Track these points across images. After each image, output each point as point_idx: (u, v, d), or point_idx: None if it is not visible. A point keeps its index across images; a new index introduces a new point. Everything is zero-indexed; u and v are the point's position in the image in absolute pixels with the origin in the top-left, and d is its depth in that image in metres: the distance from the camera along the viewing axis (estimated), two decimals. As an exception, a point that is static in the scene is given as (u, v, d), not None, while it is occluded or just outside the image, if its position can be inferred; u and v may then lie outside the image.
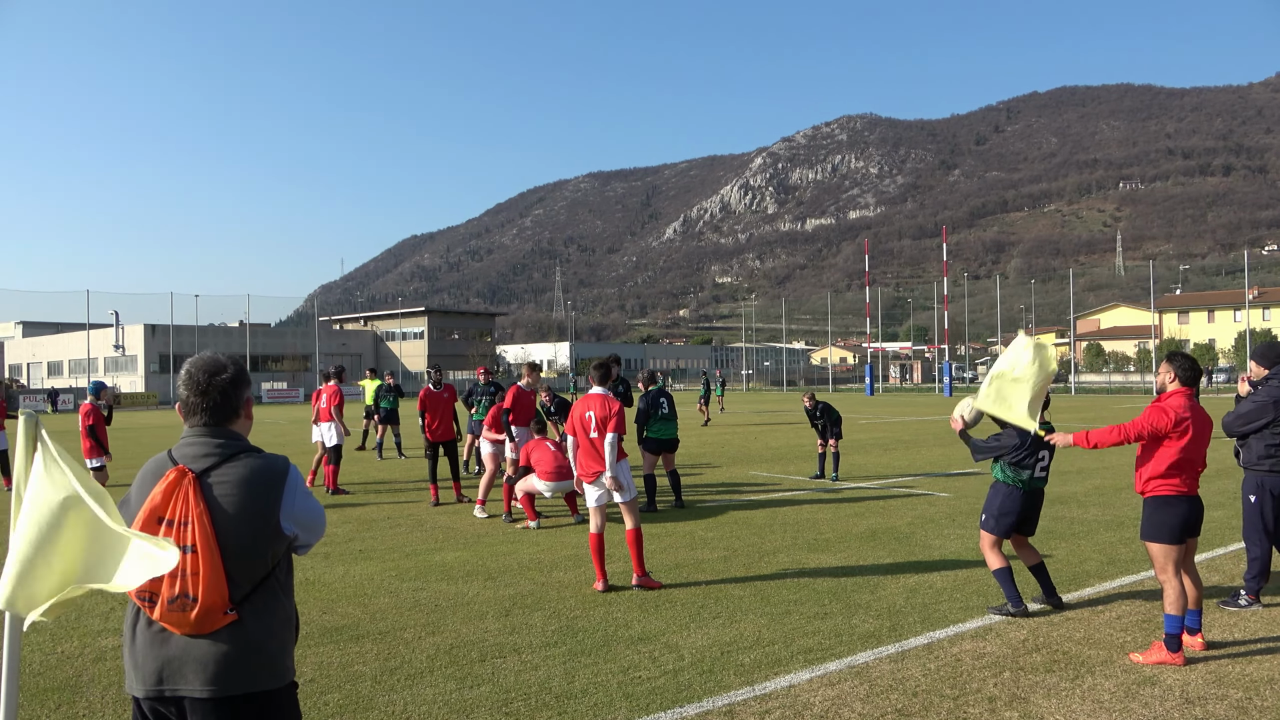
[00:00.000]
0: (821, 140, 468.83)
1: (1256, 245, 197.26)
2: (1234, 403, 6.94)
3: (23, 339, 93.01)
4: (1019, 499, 6.42)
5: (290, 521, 2.53)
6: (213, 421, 2.57)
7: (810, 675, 5.24)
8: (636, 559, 7.34)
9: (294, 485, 2.57)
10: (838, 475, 14.23)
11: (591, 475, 7.35)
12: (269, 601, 2.50)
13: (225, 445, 2.54)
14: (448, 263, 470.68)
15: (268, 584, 2.51)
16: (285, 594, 2.58)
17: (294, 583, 2.67)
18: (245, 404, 2.66)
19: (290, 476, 2.57)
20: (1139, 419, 5.58)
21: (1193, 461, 5.56)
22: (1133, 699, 4.83)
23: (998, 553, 6.46)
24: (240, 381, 2.63)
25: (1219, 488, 12.43)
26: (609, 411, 7.36)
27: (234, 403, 2.61)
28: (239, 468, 2.50)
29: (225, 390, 2.58)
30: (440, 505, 12.16)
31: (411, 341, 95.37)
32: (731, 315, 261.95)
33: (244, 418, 2.67)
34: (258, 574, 2.48)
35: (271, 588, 2.52)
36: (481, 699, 4.95)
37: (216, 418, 2.58)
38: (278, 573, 2.55)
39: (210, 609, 2.37)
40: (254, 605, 2.46)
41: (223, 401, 2.58)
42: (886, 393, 69.43)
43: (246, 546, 2.44)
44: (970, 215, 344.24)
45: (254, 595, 2.46)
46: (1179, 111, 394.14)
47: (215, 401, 2.57)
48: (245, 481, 2.48)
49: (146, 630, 2.45)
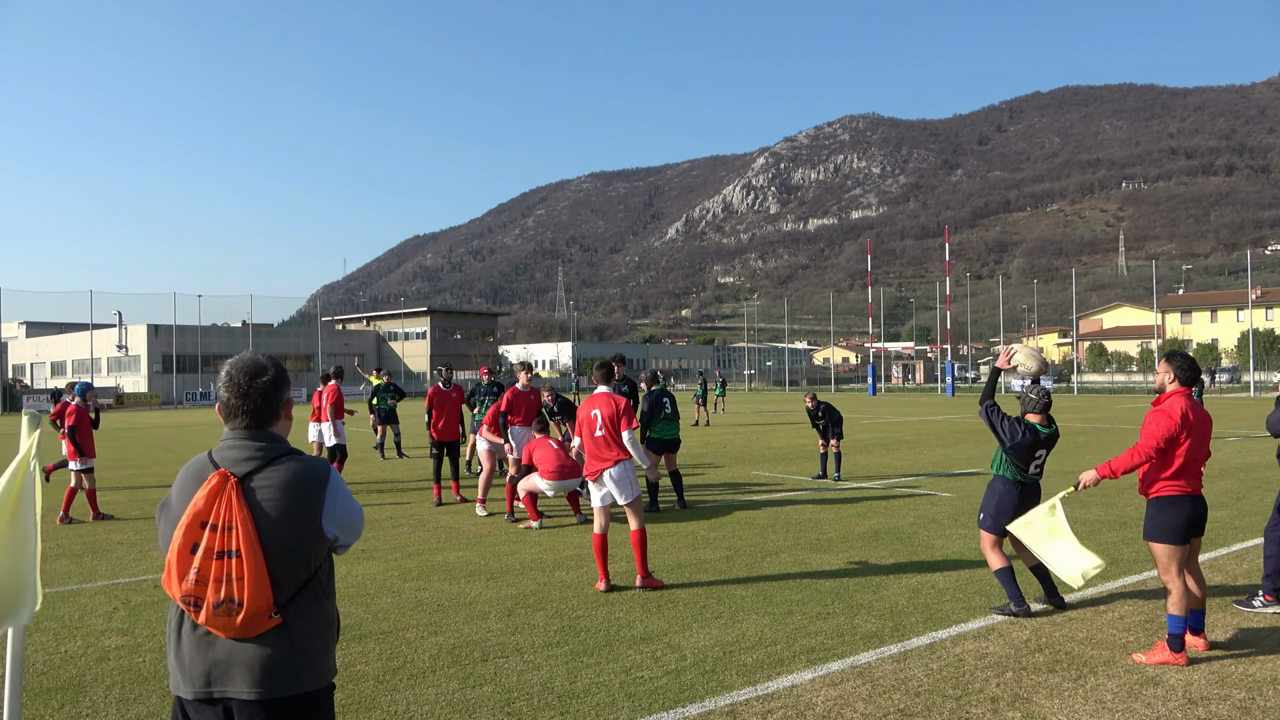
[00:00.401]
0: (824, 140, 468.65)
1: (1259, 245, 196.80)
2: (1275, 404, 6.92)
3: (26, 339, 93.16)
4: (1016, 495, 6.44)
5: (331, 524, 2.55)
6: (254, 424, 2.58)
7: (813, 675, 5.24)
8: (640, 560, 7.33)
9: (335, 488, 2.58)
10: (840, 475, 14.24)
11: (595, 474, 7.36)
12: (312, 604, 2.52)
13: (267, 448, 2.55)
14: (450, 263, 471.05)
15: (311, 587, 2.53)
16: (327, 596, 2.60)
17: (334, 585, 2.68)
18: (286, 405, 2.67)
19: (332, 480, 2.58)
20: (1148, 433, 5.52)
21: (1195, 461, 5.56)
22: (1135, 699, 4.82)
23: (998, 553, 6.46)
24: (281, 383, 2.64)
25: (1222, 488, 12.42)
26: (616, 409, 7.34)
27: (275, 405, 2.62)
28: (281, 471, 2.51)
29: (266, 393, 2.58)
30: (443, 505, 12.20)
31: (414, 341, 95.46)
32: (734, 315, 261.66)
33: (284, 419, 2.67)
34: (301, 577, 2.50)
35: (314, 590, 2.54)
36: (484, 699, 4.95)
37: (258, 420, 2.58)
38: (320, 575, 2.57)
39: (256, 613, 2.39)
40: (298, 608, 2.48)
41: (264, 404, 2.58)
42: (889, 393, 69.40)
43: (290, 550, 2.46)
44: (973, 215, 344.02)
45: (298, 598, 2.48)
46: (1182, 111, 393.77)
47: (256, 404, 2.57)
48: (288, 486, 2.49)
49: (192, 634, 2.47)
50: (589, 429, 7.39)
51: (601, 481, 7.35)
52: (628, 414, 7.34)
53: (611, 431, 7.31)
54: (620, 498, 7.29)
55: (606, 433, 7.31)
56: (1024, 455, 6.39)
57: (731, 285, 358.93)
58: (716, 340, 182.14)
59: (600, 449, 7.33)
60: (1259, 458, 16.70)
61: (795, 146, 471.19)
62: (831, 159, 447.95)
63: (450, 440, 12.65)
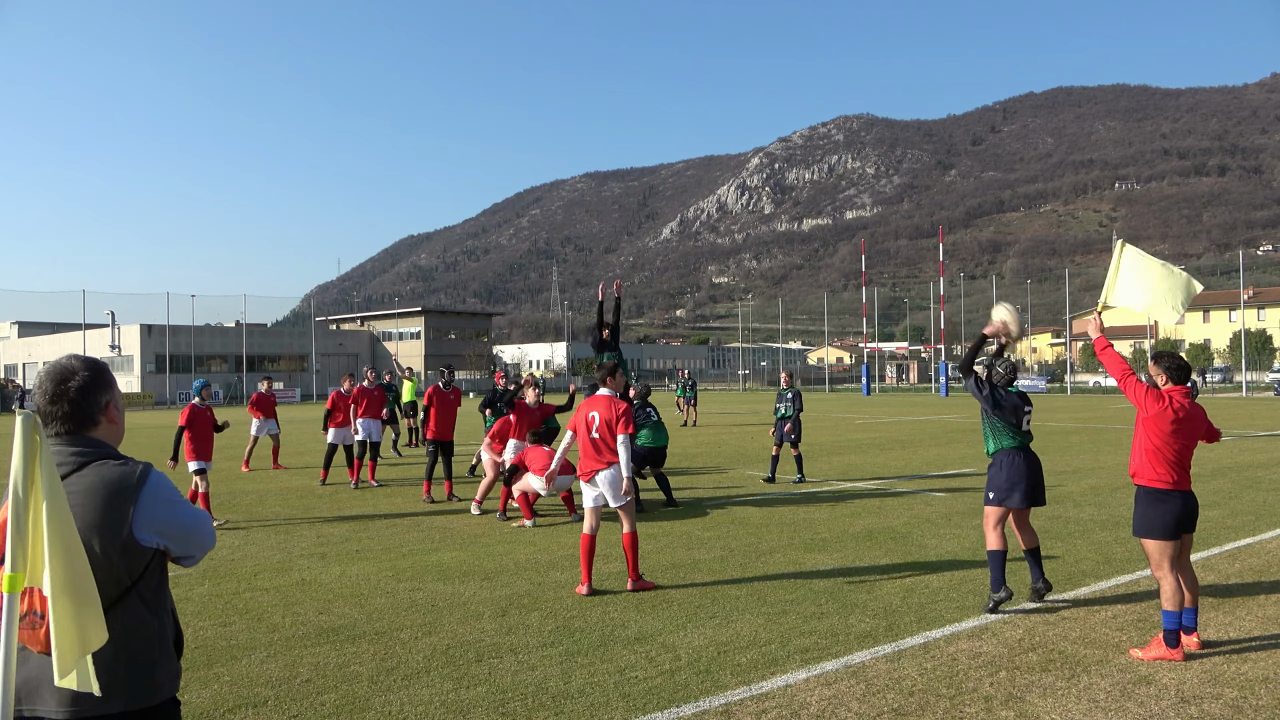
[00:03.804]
0: (818, 140, 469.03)
1: (1252, 245, 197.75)
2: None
3: (18, 339, 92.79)
4: (1022, 460, 6.57)
5: (150, 532, 2.36)
6: (66, 430, 2.44)
7: (807, 675, 5.24)
8: (632, 563, 7.34)
9: (152, 494, 2.38)
10: (803, 476, 14.11)
11: (589, 475, 7.37)
12: (129, 619, 2.34)
13: (80, 453, 2.40)
14: (444, 263, 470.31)
15: (127, 601, 2.35)
16: (153, 610, 2.42)
17: (168, 594, 2.51)
18: (105, 409, 2.49)
19: (148, 485, 2.38)
20: (1140, 385, 5.68)
21: (1183, 456, 5.62)
22: (1128, 698, 4.84)
23: (999, 533, 6.53)
24: (93, 387, 2.46)
25: (1214, 487, 12.47)
26: (615, 412, 7.37)
27: (88, 409, 2.46)
28: (89, 477, 2.35)
29: (75, 399, 2.43)
30: (435, 502, 12.31)
31: (408, 341, 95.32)
32: (728, 315, 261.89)
33: (107, 423, 2.50)
34: (112, 591, 2.31)
35: (132, 605, 2.36)
36: (478, 699, 4.95)
37: (71, 425, 2.44)
38: (140, 588, 2.38)
39: None
40: (110, 623, 2.26)
41: (73, 410, 2.43)
42: (883, 393, 69.52)
43: (96, 562, 2.26)
44: (966, 215, 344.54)
45: (110, 613, 2.29)
46: (1174, 112, 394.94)
47: (65, 410, 2.43)
48: (94, 492, 2.33)
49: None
50: (585, 429, 7.42)
51: (595, 483, 7.36)
52: (626, 418, 7.36)
53: (608, 434, 7.34)
54: (612, 500, 7.30)
55: (602, 435, 7.34)
56: (1014, 413, 6.62)
57: (726, 285, 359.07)
58: (711, 340, 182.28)
59: (595, 450, 7.35)
60: (1251, 457, 16.77)
61: (790, 147, 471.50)
62: (826, 159, 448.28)
63: (445, 439, 12.79)
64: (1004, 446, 6.65)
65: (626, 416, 7.38)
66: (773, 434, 14.74)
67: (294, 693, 5.09)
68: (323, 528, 10.61)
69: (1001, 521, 6.56)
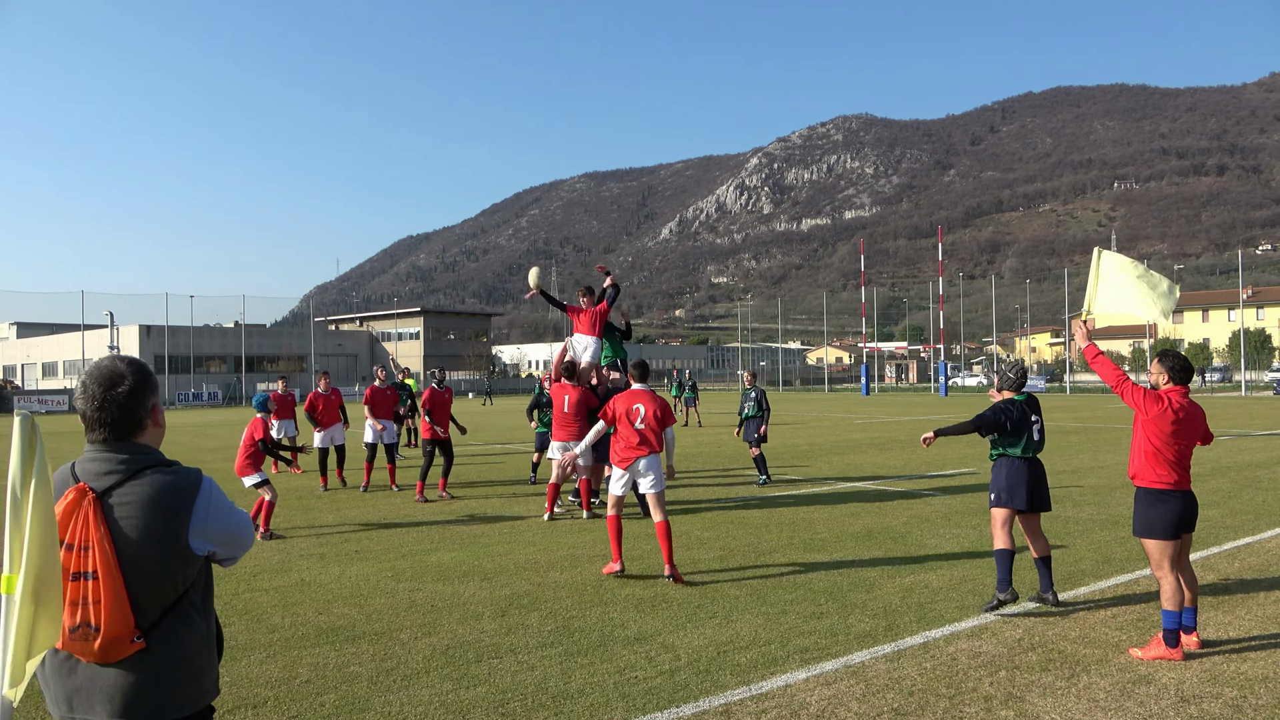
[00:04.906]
0: (817, 140, 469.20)
1: (1251, 245, 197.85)
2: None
3: (17, 340, 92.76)
4: (1024, 467, 6.55)
5: (203, 540, 2.36)
6: (113, 436, 2.37)
7: (806, 675, 5.24)
8: (667, 552, 7.55)
9: (206, 501, 2.37)
10: (768, 478, 14.02)
11: (628, 461, 7.75)
12: (180, 627, 2.34)
13: (129, 461, 2.34)
14: (443, 263, 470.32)
15: (179, 609, 2.34)
16: (202, 615, 2.42)
17: (214, 599, 2.51)
18: (152, 413, 2.44)
19: (202, 493, 2.37)
20: (1137, 389, 5.71)
21: (1183, 457, 5.62)
22: (1128, 697, 4.84)
23: (1006, 533, 6.50)
24: (140, 391, 2.39)
25: (1213, 487, 12.47)
26: (661, 405, 7.94)
27: (136, 415, 2.39)
28: (143, 486, 2.31)
29: (123, 404, 2.36)
30: (428, 502, 12.41)
31: (407, 342, 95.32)
32: (727, 315, 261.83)
33: (153, 427, 2.45)
34: (166, 600, 2.31)
35: (184, 612, 2.35)
36: (478, 699, 4.94)
37: (118, 432, 2.37)
38: (191, 595, 2.38)
39: (114, 639, 2.23)
40: (164, 632, 2.30)
41: (122, 416, 2.36)
42: (882, 392, 69.54)
43: (153, 572, 2.27)
44: (965, 215, 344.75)
45: (163, 621, 2.31)
46: (1173, 111, 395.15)
47: (114, 417, 2.36)
48: (149, 502, 2.29)
49: (54, 657, 2.31)
50: (629, 420, 7.83)
51: (635, 468, 7.73)
52: (667, 411, 8.00)
53: (655, 424, 7.82)
54: (649, 487, 7.69)
55: (649, 425, 7.79)
56: (1022, 427, 6.56)
57: (725, 285, 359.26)
58: (710, 340, 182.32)
59: (640, 439, 7.76)
60: (1250, 456, 16.78)
61: (789, 147, 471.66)
62: (825, 159, 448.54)
63: (443, 440, 12.90)
64: (1007, 454, 6.61)
65: (668, 410, 8.03)
66: (738, 434, 14.78)
67: (293, 693, 5.09)
68: (322, 528, 10.61)
69: (1008, 523, 6.52)
